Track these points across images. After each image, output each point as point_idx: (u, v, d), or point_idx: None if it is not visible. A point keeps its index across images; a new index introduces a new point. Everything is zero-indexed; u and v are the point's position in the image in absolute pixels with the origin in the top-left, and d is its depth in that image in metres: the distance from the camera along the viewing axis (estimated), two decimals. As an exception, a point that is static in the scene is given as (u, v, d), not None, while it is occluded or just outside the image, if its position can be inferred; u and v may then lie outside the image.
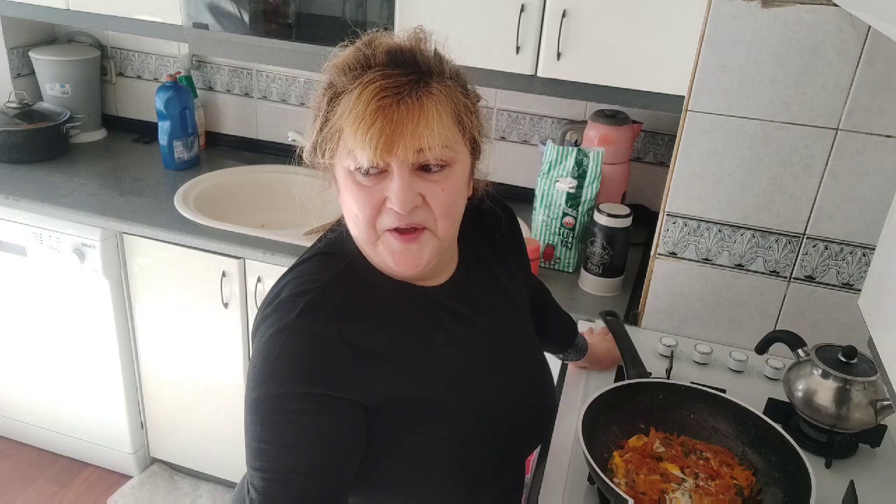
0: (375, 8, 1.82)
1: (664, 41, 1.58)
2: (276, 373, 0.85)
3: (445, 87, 0.85)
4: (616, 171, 1.87)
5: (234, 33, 1.94)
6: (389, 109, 0.80)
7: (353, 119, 0.81)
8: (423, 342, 0.95)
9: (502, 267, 1.08)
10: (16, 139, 2.21)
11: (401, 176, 0.83)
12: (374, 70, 0.83)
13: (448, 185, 0.86)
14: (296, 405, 0.84)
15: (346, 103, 0.82)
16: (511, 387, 1.03)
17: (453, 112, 0.86)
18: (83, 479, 2.35)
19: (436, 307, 0.97)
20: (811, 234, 1.42)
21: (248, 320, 1.97)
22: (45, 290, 2.11)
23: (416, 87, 0.82)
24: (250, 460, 0.86)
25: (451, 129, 0.85)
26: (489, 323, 1.02)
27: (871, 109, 1.30)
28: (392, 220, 0.85)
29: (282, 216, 2.23)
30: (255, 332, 0.91)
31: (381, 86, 0.81)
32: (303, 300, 0.87)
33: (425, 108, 0.82)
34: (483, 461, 1.00)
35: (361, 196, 0.85)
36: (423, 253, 0.88)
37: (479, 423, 0.98)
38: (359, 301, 0.91)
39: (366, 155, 0.81)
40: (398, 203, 0.83)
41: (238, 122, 2.48)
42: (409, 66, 0.84)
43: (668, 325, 1.57)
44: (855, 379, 1.18)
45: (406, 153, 0.81)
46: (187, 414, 2.19)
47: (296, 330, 0.86)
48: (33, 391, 2.31)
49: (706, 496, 1.04)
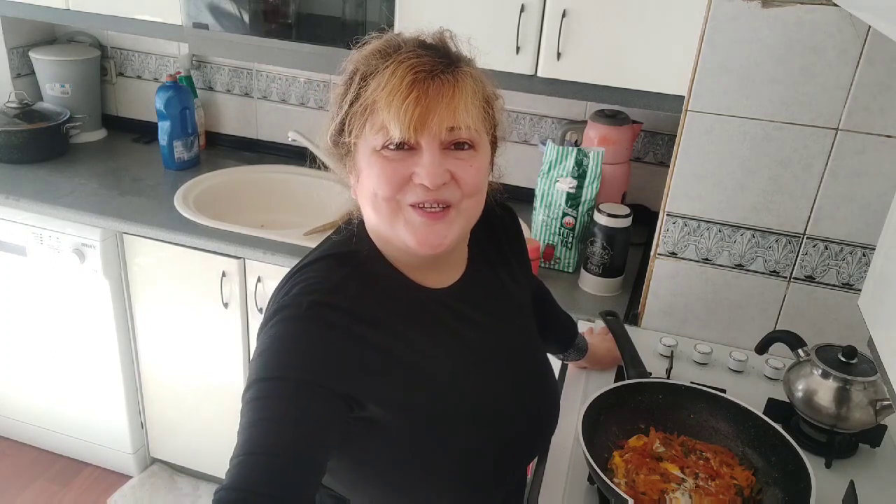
0: (375, 8, 1.82)
1: (664, 41, 1.58)
2: (274, 360, 0.84)
3: (473, 69, 0.88)
4: (616, 171, 1.87)
5: (234, 33, 1.94)
6: (424, 84, 0.81)
7: (388, 91, 0.81)
8: (430, 344, 0.94)
9: (507, 270, 1.08)
10: (16, 139, 2.21)
11: (431, 152, 0.83)
12: (407, 51, 0.85)
13: (476, 164, 0.87)
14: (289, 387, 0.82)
15: (379, 79, 0.83)
16: (515, 390, 1.03)
17: (483, 97, 0.88)
18: (83, 479, 2.35)
19: (443, 309, 0.96)
20: (811, 234, 1.42)
21: (249, 320, 1.97)
22: (45, 290, 2.11)
23: (448, 67, 0.84)
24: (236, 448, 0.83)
25: (480, 114, 0.87)
26: (495, 326, 1.02)
27: (871, 109, 1.30)
28: (418, 195, 0.85)
29: (282, 216, 2.23)
30: (259, 336, 0.90)
31: (416, 63, 0.82)
32: (310, 299, 0.87)
33: (460, 85, 0.83)
34: (487, 465, 0.99)
35: (387, 170, 0.84)
36: (448, 232, 0.87)
37: (483, 427, 0.98)
38: (367, 301, 0.90)
39: (398, 128, 0.81)
40: (428, 177, 0.83)
41: (238, 122, 2.48)
42: (440, 53, 0.86)
43: (668, 325, 1.57)
44: (855, 379, 1.18)
45: (439, 128, 0.82)
46: (187, 414, 2.19)
47: (301, 323, 0.85)
48: (33, 391, 2.31)
49: (706, 496, 1.04)
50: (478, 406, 0.97)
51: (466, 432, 0.96)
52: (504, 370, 1.02)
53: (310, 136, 2.19)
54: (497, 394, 1.00)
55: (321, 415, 0.83)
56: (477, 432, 0.97)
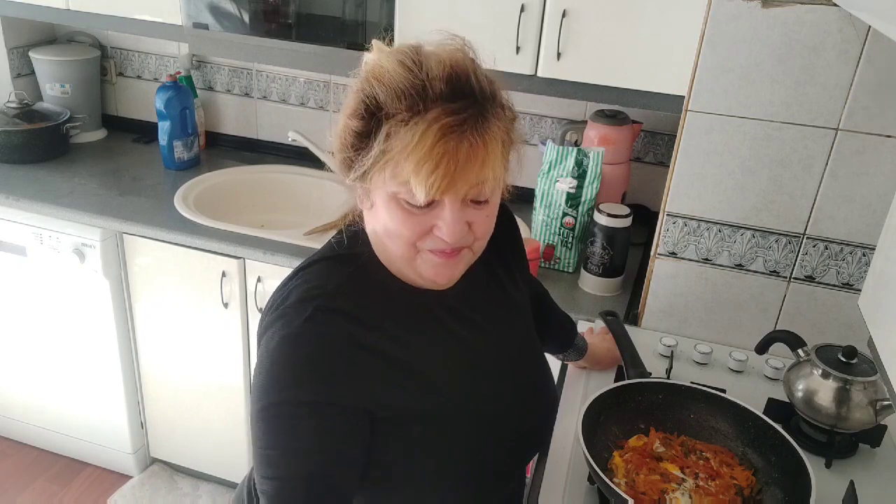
0: (375, 8, 1.82)
1: (664, 41, 1.58)
2: (283, 380, 0.84)
3: (499, 117, 0.85)
4: (616, 171, 1.87)
5: (234, 33, 1.94)
6: (454, 150, 0.79)
7: (416, 159, 0.78)
8: (432, 346, 0.95)
9: (505, 271, 1.08)
10: (16, 139, 2.21)
11: (453, 210, 0.83)
12: (435, 105, 0.80)
13: (491, 211, 0.88)
14: (302, 411, 0.83)
15: (406, 138, 0.79)
16: (516, 392, 1.03)
17: (506, 142, 0.87)
18: (83, 479, 2.35)
19: (445, 312, 0.97)
20: (811, 234, 1.42)
21: (249, 320, 1.97)
22: (45, 290, 2.11)
23: (477, 123, 0.81)
24: (258, 468, 0.85)
25: (504, 160, 0.86)
26: (495, 328, 1.02)
27: (871, 109, 1.30)
28: (436, 244, 0.86)
29: (282, 216, 2.23)
30: (260, 339, 0.90)
31: (446, 123, 0.79)
32: (311, 305, 0.86)
33: (489, 147, 0.81)
34: (489, 466, 1.00)
35: (408, 222, 0.84)
36: (459, 267, 0.91)
37: (486, 429, 0.98)
38: (369, 305, 0.90)
39: (424, 193, 0.80)
40: (449, 235, 0.84)
41: (238, 122, 2.48)
42: (469, 98, 0.82)
43: (668, 325, 1.57)
44: (855, 379, 1.18)
45: (466, 190, 0.82)
46: (187, 414, 2.19)
47: (303, 335, 0.85)
48: (33, 391, 2.31)
49: (706, 496, 1.04)
50: (479, 407, 0.98)
51: (468, 433, 0.96)
52: (504, 371, 1.02)
53: (310, 136, 2.19)
54: (497, 395, 1.00)
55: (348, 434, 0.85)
56: (479, 433, 0.97)
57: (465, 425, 0.95)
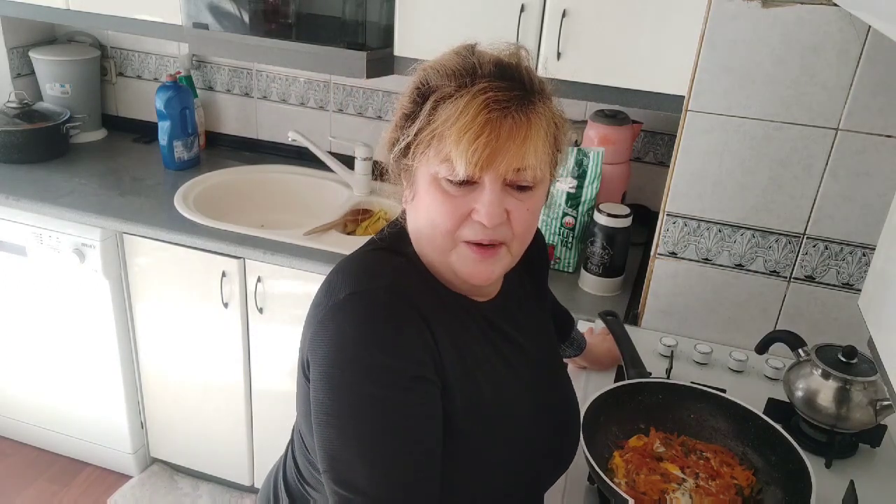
0: (375, 8, 1.82)
1: (664, 41, 1.58)
2: (374, 357, 0.80)
3: (548, 108, 0.85)
4: (616, 171, 1.87)
5: (234, 33, 1.94)
6: (497, 123, 0.78)
7: (459, 128, 0.78)
8: (482, 355, 0.92)
9: (536, 287, 1.08)
10: (16, 139, 2.21)
11: (493, 191, 0.82)
12: (483, 79, 0.81)
13: (532, 205, 0.86)
14: (403, 382, 0.80)
15: (451, 110, 0.80)
16: (549, 408, 1.01)
17: (553, 134, 0.85)
18: (83, 479, 2.35)
19: (485, 323, 0.95)
20: (811, 234, 1.42)
21: (248, 320, 1.97)
22: (45, 290, 2.11)
23: (523, 104, 0.81)
24: (342, 455, 0.80)
25: (548, 152, 0.85)
26: (530, 343, 1.01)
27: (871, 109, 1.30)
28: (475, 233, 0.84)
29: (282, 216, 2.23)
30: (315, 338, 0.84)
31: (492, 97, 0.79)
32: (384, 281, 0.84)
33: (533, 126, 0.81)
34: (521, 483, 0.97)
35: (447, 205, 0.83)
36: (496, 268, 0.87)
37: (521, 444, 0.95)
38: (423, 292, 0.88)
39: (464, 166, 0.79)
40: (487, 217, 0.82)
41: (238, 122, 2.48)
42: (517, 81, 0.82)
43: (668, 325, 1.57)
44: (855, 379, 1.18)
45: (506, 168, 0.80)
46: (187, 414, 2.19)
47: (386, 301, 0.82)
48: (33, 391, 2.31)
49: (706, 496, 1.04)
50: (518, 423, 0.95)
51: (507, 448, 0.93)
52: (540, 387, 1.00)
53: (310, 136, 2.19)
54: (534, 410, 0.98)
55: (436, 407, 0.84)
56: (516, 448, 0.95)
57: (501, 439, 0.92)
